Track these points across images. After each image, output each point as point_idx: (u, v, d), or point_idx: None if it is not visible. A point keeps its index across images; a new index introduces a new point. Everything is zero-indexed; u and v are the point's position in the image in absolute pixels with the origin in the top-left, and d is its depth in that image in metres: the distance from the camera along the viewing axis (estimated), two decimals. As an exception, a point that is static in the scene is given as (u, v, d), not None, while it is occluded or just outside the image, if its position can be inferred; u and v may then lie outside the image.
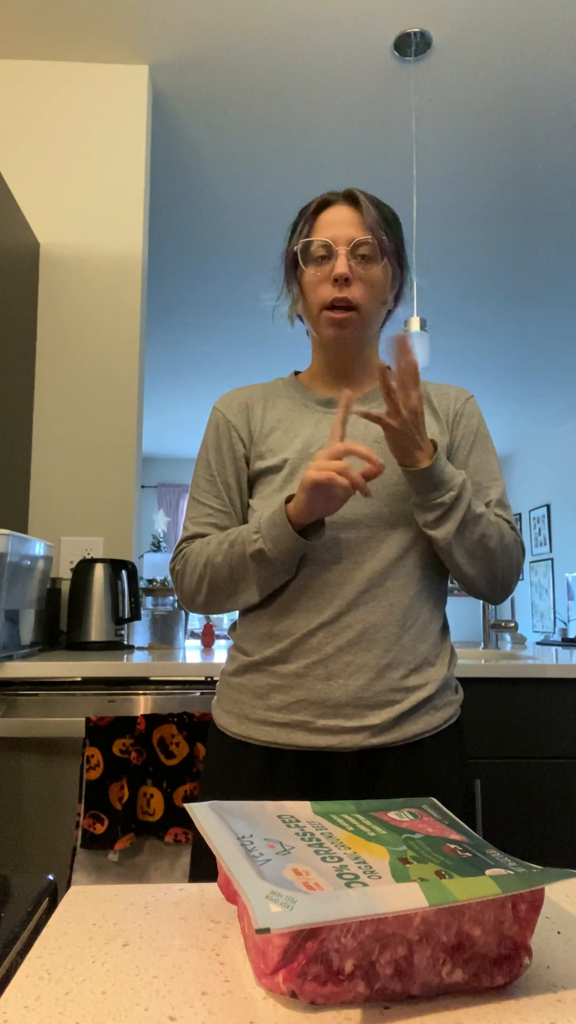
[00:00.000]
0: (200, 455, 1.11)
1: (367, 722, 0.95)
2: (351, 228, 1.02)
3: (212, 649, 2.05)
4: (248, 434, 1.08)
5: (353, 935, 0.37)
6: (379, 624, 0.97)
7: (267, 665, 1.00)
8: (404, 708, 0.97)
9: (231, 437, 1.09)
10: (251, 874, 0.38)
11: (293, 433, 1.06)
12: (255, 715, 0.99)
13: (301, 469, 1.03)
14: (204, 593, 1.02)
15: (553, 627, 7.09)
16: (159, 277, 4.01)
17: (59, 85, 2.43)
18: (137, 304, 2.33)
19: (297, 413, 1.09)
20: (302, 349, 5.15)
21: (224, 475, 1.08)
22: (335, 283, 1.01)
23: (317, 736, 0.96)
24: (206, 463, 1.10)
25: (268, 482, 1.04)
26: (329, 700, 0.96)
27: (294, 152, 2.88)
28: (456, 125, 2.72)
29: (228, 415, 1.10)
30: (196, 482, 1.10)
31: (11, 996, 0.38)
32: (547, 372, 5.56)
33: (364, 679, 0.96)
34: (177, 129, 2.75)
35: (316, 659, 0.97)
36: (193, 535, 1.07)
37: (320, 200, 1.05)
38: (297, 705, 0.97)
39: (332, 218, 1.03)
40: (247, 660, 1.02)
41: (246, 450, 1.08)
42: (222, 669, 1.09)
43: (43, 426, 2.27)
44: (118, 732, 1.48)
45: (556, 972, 0.41)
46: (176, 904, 0.51)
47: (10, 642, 1.66)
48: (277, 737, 0.97)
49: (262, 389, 1.13)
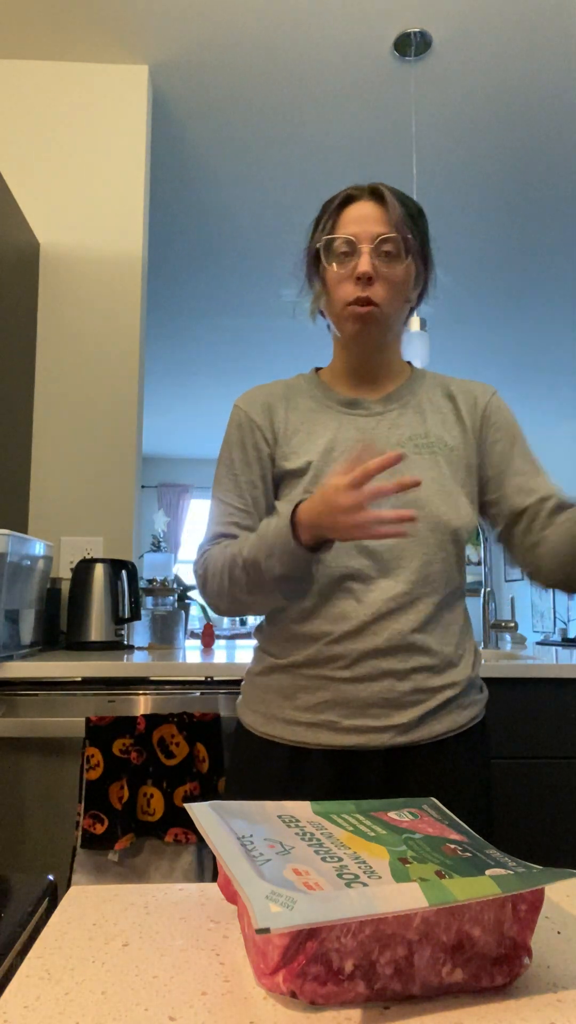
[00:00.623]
0: (222, 454, 1.09)
1: (393, 721, 0.96)
2: (375, 225, 1.00)
3: (212, 649, 2.05)
4: (272, 434, 1.07)
5: (353, 935, 0.37)
6: (404, 630, 0.97)
7: (293, 667, 1.00)
8: (429, 707, 0.98)
9: (255, 437, 1.07)
10: (251, 874, 0.38)
11: (316, 435, 1.05)
12: (282, 715, 1.00)
13: (325, 472, 1.02)
14: (227, 600, 1.02)
15: (553, 627, 7.09)
16: (159, 277, 4.01)
17: (59, 85, 2.43)
18: (137, 304, 2.33)
19: (319, 414, 1.07)
20: (303, 348, 5.15)
21: (248, 474, 1.06)
22: (358, 281, 0.99)
23: (344, 735, 0.96)
24: (228, 462, 1.08)
25: (293, 485, 1.04)
26: (355, 700, 0.96)
27: (294, 152, 2.88)
28: (456, 125, 2.72)
29: (251, 414, 1.08)
30: (218, 481, 1.09)
31: (11, 996, 0.38)
32: (547, 371, 5.56)
33: (389, 681, 0.96)
34: (177, 129, 2.75)
35: (342, 663, 0.97)
36: (216, 535, 1.06)
37: (344, 195, 1.03)
38: (323, 705, 0.97)
39: (356, 214, 1.01)
40: (273, 661, 1.02)
41: (271, 449, 1.06)
42: (248, 669, 1.09)
43: (43, 426, 2.27)
44: (118, 732, 1.48)
45: (556, 972, 0.41)
46: (176, 904, 0.51)
47: (10, 642, 1.66)
48: (304, 736, 0.98)
49: (284, 387, 1.11)
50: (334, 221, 1.03)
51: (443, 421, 1.07)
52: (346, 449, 1.04)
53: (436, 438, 1.05)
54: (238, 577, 0.97)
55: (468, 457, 1.06)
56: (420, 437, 1.05)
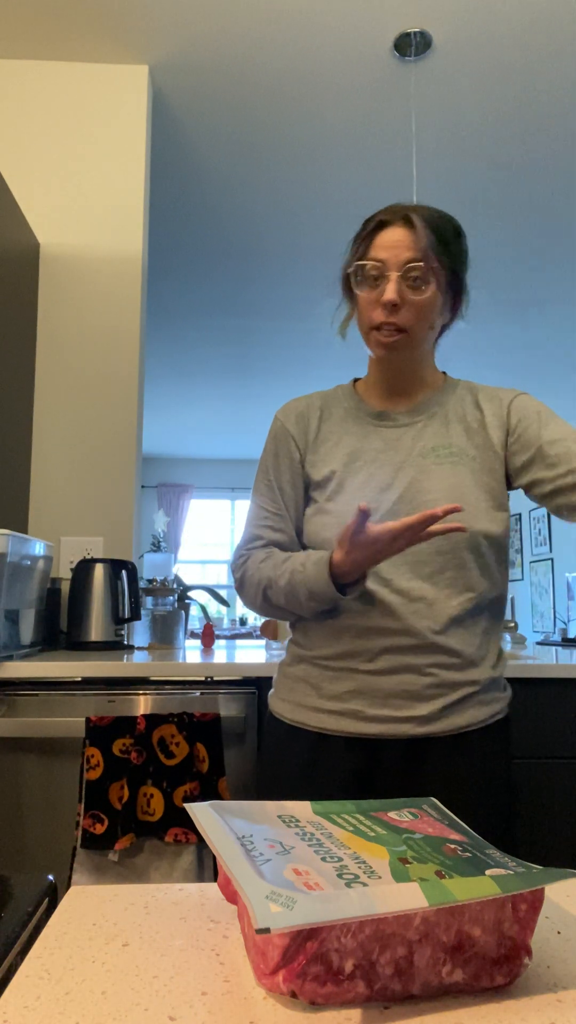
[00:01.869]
0: (261, 460, 1.17)
1: (414, 712, 1.01)
2: (405, 251, 1.02)
3: (212, 649, 2.05)
4: (304, 443, 1.13)
5: (353, 935, 0.37)
6: (424, 632, 1.01)
7: (320, 659, 1.06)
8: (450, 700, 1.02)
9: (288, 445, 1.14)
10: (251, 874, 0.38)
11: (342, 444, 1.11)
12: (309, 703, 1.06)
13: (347, 481, 1.07)
14: (261, 610, 1.10)
15: (553, 627, 7.09)
16: (159, 277, 4.01)
17: (59, 85, 2.43)
18: (137, 304, 2.33)
19: (348, 424, 1.13)
20: (303, 349, 5.15)
21: (280, 481, 1.13)
22: (384, 307, 1.02)
23: (366, 724, 1.01)
24: (265, 468, 1.15)
25: (319, 493, 1.10)
26: (378, 691, 1.01)
27: (294, 152, 2.88)
28: (456, 125, 2.72)
29: (287, 424, 1.15)
30: (256, 486, 1.16)
31: (11, 996, 0.38)
32: (548, 372, 5.56)
33: (410, 675, 1.01)
34: (177, 129, 2.75)
35: (366, 656, 1.02)
36: (252, 537, 1.13)
37: (378, 220, 1.06)
38: (348, 695, 1.02)
39: (387, 240, 1.03)
40: (302, 653, 1.08)
41: (301, 457, 1.13)
42: (280, 661, 1.15)
43: (43, 426, 2.27)
44: (118, 732, 1.48)
45: (556, 972, 0.41)
46: (176, 904, 0.51)
47: (10, 642, 1.66)
48: (328, 723, 1.03)
49: (321, 398, 1.17)
50: (367, 246, 1.05)
51: (467, 431, 1.10)
52: (369, 459, 1.08)
53: (458, 448, 1.08)
54: (274, 599, 1.06)
55: (492, 463, 1.08)
56: (443, 447, 1.09)
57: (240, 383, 5.97)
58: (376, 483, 1.07)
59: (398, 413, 1.12)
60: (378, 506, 1.05)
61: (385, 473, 1.07)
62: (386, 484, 1.06)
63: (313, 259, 3.79)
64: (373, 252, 1.04)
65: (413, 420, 1.11)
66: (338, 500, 1.07)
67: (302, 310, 4.47)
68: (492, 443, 1.09)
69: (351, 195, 3.19)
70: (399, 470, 1.07)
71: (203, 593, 8.07)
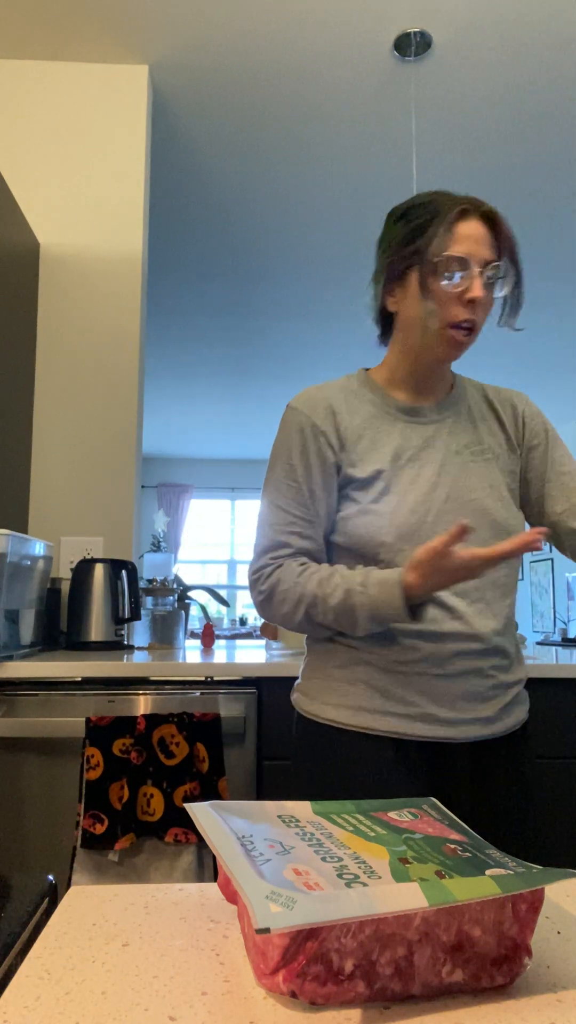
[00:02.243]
0: (279, 457, 1.06)
1: (479, 714, 1.00)
2: (486, 248, 0.98)
3: (212, 649, 2.05)
4: (338, 440, 1.05)
5: (353, 935, 0.37)
6: (486, 634, 1.01)
7: (386, 663, 1.00)
8: (505, 701, 1.02)
9: (319, 443, 1.04)
10: (251, 874, 0.38)
11: (380, 442, 1.05)
12: (372, 706, 1.00)
13: (395, 480, 1.02)
14: (299, 623, 1.02)
15: (553, 627, 7.09)
16: (159, 277, 4.01)
17: (59, 85, 2.43)
18: (137, 304, 2.33)
19: (380, 421, 1.07)
20: (303, 349, 5.15)
21: (310, 483, 1.03)
22: (468, 304, 0.98)
23: (441, 727, 0.99)
24: (289, 468, 1.04)
25: (362, 493, 1.03)
26: (449, 695, 0.99)
27: (294, 152, 2.88)
28: (456, 125, 2.72)
29: (315, 419, 1.05)
30: (277, 487, 1.05)
31: (11, 996, 0.38)
32: (548, 372, 5.56)
33: (475, 679, 1.00)
34: (177, 129, 2.75)
35: (438, 662, 0.99)
36: (277, 544, 1.03)
37: (461, 208, 0.99)
38: (420, 699, 0.99)
39: (470, 232, 0.98)
40: (360, 656, 1.02)
41: (336, 457, 1.04)
42: (313, 665, 1.07)
43: (43, 426, 2.27)
44: (118, 732, 1.48)
45: (556, 972, 0.41)
46: (176, 904, 0.51)
47: (10, 642, 1.66)
48: (401, 727, 0.99)
49: (340, 391, 1.09)
50: (449, 235, 0.98)
51: (490, 429, 1.10)
52: (412, 457, 1.04)
53: (487, 446, 1.08)
54: (319, 616, 0.98)
55: (512, 464, 1.10)
56: (474, 444, 1.08)
57: (240, 383, 5.96)
58: (423, 482, 1.03)
59: (427, 409, 1.08)
60: (429, 507, 1.01)
61: (429, 472, 1.03)
62: (432, 483, 1.03)
63: (313, 259, 3.79)
64: (457, 244, 0.98)
65: (442, 417, 1.09)
66: (387, 500, 1.01)
67: (302, 310, 4.47)
68: (513, 445, 1.11)
69: (351, 195, 3.19)
70: (442, 468, 1.04)
71: (203, 593, 8.07)
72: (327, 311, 4.47)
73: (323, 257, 3.76)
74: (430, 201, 1.01)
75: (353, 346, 5.08)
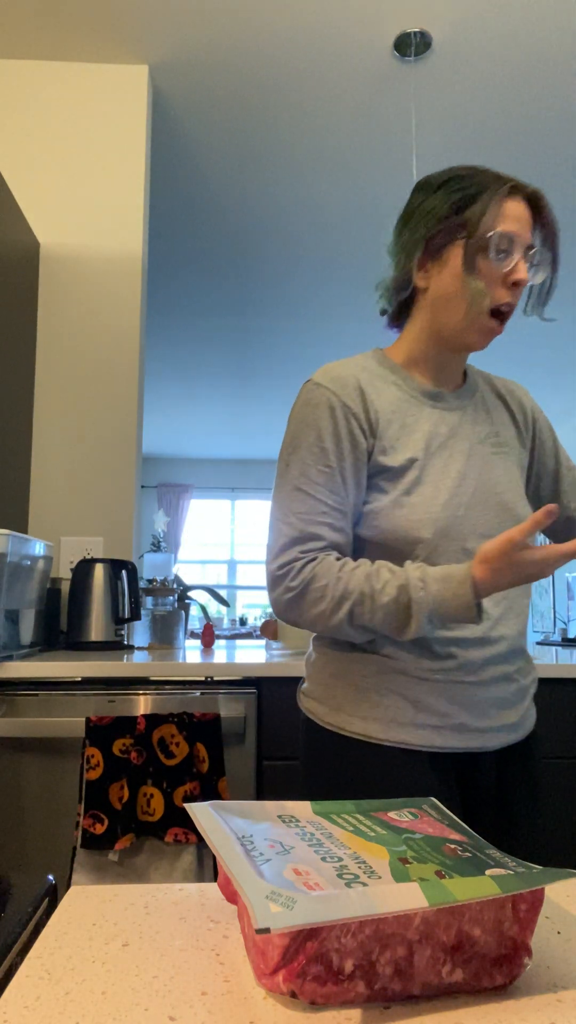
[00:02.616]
0: (306, 440, 0.95)
1: (505, 721, 0.97)
2: (527, 231, 0.93)
3: (212, 649, 2.05)
4: (368, 424, 0.96)
5: (353, 935, 0.37)
6: (514, 636, 0.98)
7: (419, 671, 0.94)
8: (525, 705, 1.00)
9: (350, 425, 0.95)
10: (251, 874, 0.38)
11: (410, 428, 0.97)
12: (404, 719, 0.94)
13: (428, 470, 0.95)
14: (336, 625, 0.91)
15: (553, 627, 7.09)
16: (159, 277, 4.01)
17: (59, 85, 2.43)
18: (137, 304, 2.33)
19: (407, 405, 0.99)
20: (303, 348, 5.15)
21: (343, 469, 0.94)
22: (511, 287, 0.93)
23: (469, 737, 0.94)
24: (320, 452, 0.94)
25: (393, 484, 0.95)
26: (481, 703, 0.95)
27: (294, 152, 2.88)
28: (456, 125, 2.72)
29: (344, 398, 0.95)
30: (304, 472, 0.94)
31: (11, 996, 0.38)
32: (549, 372, 5.56)
33: (504, 684, 0.97)
34: (177, 129, 2.75)
35: (473, 669, 0.95)
36: (307, 536, 0.93)
37: (511, 185, 0.93)
38: (452, 709, 0.94)
39: (517, 213, 0.93)
40: (396, 664, 0.95)
41: (367, 442, 0.95)
42: (332, 670, 0.99)
43: (43, 426, 2.27)
44: (118, 732, 1.48)
45: (556, 972, 0.41)
46: (176, 904, 0.51)
47: (10, 642, 1.66)
48: (435, 740, 0.93)
49: (361, 370, 0.99)
50: (497, 212, 0.92)
51: (503, 421, 1.06)
52: (440, 445, 0.98)
53: (504, 439, 1.04)
54: (363, 617, 0.89)
55: (522, 459, 1.07)
56: (493, 436, 1.03)
57: (240, 383, 5.96)
58: (454, 473, 0.96)
59: (448, 395, 1.02)
60: (460, 500, 0.95)
61: (459, 463, 0.97)
62: (461, 475, 0.96)
63: (313, 258, 3.78)
64: (505, 222, 0.91)
65: (463, 404, 1.03)
66: (420, 492, 0.94)
67: (302, 310, 4.47)
68: (524, 439, 1.08)
69: (351, 194, 3.19)
70: (468, 458, 0.98)
71: (203, 593, 8.07)
72: (327, 311, 4.47)
73: (323, 257, 3.76)
74: (472, 174, 0.94)
75: (354, 346, 5.09)
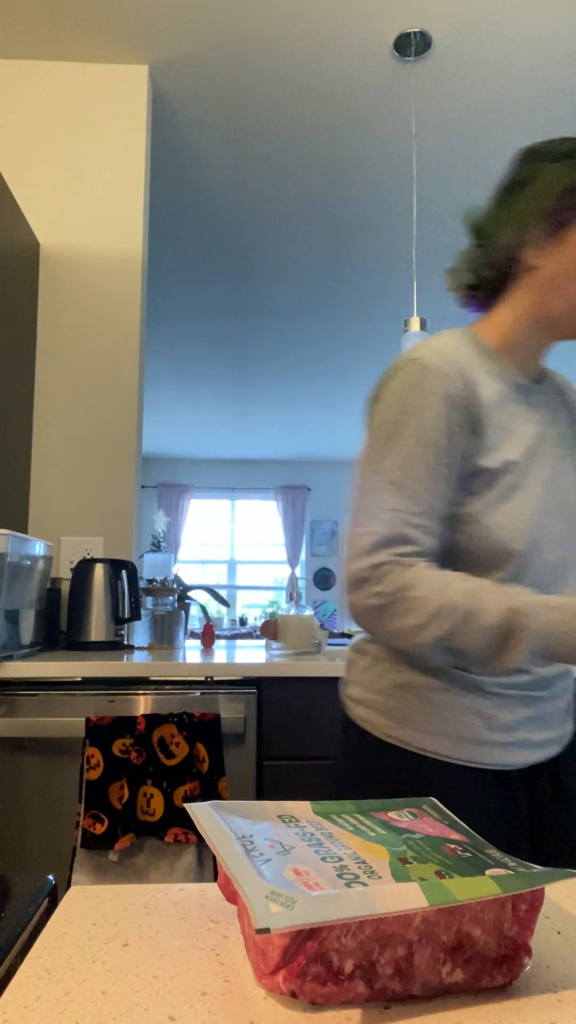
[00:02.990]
0: (408, 425, 0.83)
1: (559, 732, 0.94)
2: None
3: (212, 649, 2.05)
4: (474, 420, 0.85)
5: (353, 935, 0.37)
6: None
7: (494, 686, 0.88)
8: (571, 712, 0.98)
9: (461, 416, 0.84)
10: (251, 874, 0.38)
11: (508, 428, 0.87)
12: (474, 736, 0.87)
13: (525, 477, 0.87)
14: (421, 642, 0.80)
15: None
16: (159, 277, 4.01)
17: (59, 85, 2.43)
18: (137, 304, 2.33)
19: (505, 401, 0.88)
20: (303, 348, 5.15)
21: (449, 467, 0.83)
22: None
23: (532, 751, 0.91)
24: (431, 443, 0.82)
25: (488, 488, 0.85)
26: (546, 716, 0.92)
27: (294, 151, 2.88)
28: (456, 125, 2.72)
29: (457, 389, 0.84)
30: (408, 463, 0.82)
31: (11, 996, 0.38)
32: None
33: (566, 696, 0.95)
34: (177, 129, 2.75)
35: (542, 684, 0.91)
36: (398, 539, 0.81)
37: None
38: (523, 723, 0.89)
39: None
40: (473, 679, 0.88)
41: (471, 440, 0.85)
42: (395, 679, 0.91)
43: (43, 426, 2.27)
44: (118, 732, 1.48)
45: (556, 972, 0.41)
46: (176, 904, 0.51)
47: (10, 642, 1.66)
48: (505, 758, 0.89)
49: (464, 355, 0.88)
50: None
51: (569, 419, 0.99)
52: (533, 447, 0.89)
53: (571, 441, 0.97)
54: (461, 638, 0.78)
55: None
56: (568, 438, 0.96)
57: (240, 383, 5.96)
58: (544, 478, 0.88)
59: (534, 388, 0.93)
60: (546, 510, 0.88)
61: (545, 466, 0.89)
62: (547, 482, 0.89)
63: (314, 258, 3.78)
64: None
65: (543, 400, 0.94)
66: (517, 498, 0.85)
67: (302, 310, 4.47)
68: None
69: (351, 195, 3.19)
70: (553, 466, 0.90)
71: (203, 593, 8.07)
72: (327, 311, 4.47)
73: (323, 257, 3.76)
74: None
75: (354, 346, 5.08)
